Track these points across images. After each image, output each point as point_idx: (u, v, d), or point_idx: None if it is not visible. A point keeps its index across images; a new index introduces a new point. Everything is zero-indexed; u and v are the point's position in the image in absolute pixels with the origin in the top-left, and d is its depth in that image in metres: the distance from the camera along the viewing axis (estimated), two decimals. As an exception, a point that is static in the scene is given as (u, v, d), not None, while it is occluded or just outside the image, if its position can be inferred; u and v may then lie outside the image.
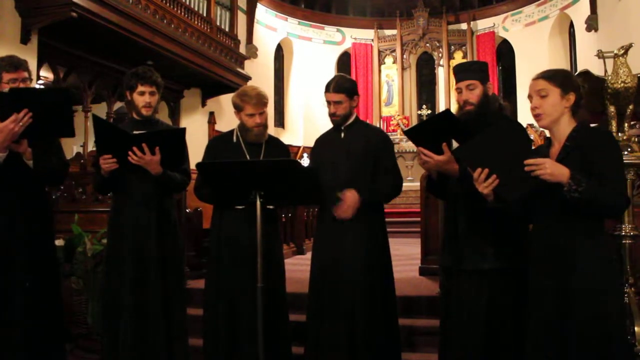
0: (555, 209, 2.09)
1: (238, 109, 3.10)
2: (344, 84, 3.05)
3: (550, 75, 2.19)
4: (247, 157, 3.09)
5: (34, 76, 2.97)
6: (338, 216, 2.91)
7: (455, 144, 2.53)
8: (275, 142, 3.28)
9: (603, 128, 3.35)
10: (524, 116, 10.73)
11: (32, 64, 5.87)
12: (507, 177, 2.09)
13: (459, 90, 2.64)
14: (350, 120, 3.10)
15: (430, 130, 2.52)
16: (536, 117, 2.19)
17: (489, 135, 2.17)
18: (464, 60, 13.12)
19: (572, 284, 2.04)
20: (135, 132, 2.89)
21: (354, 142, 3.04)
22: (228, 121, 9.80)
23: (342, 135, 3.09)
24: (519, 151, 2.09)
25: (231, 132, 3.22)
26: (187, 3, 8.53)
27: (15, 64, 2.84)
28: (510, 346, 2.42)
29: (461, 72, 2.66)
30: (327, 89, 3.05)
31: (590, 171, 2.03)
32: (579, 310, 2.02)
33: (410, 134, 2.61)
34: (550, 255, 2.11)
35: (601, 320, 2.00)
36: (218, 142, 3.31)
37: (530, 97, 2.22)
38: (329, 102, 3.05)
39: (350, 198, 2.87)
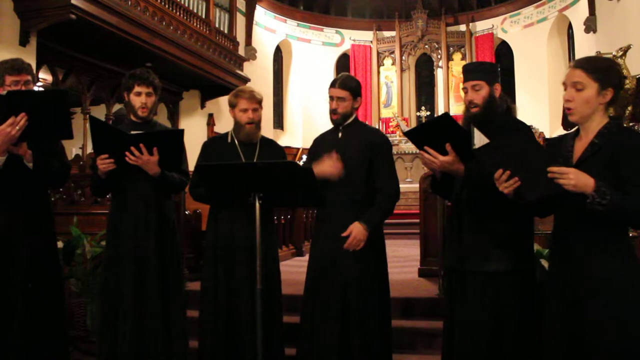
0: (574, 211, 2.00)
1: (232, 105, 3.13)
2: (351, 83, 3.05)
3: (591, 68, 2.01)
4: (242, 157, 3.11)
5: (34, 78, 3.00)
6: (350, 248, 2.88)
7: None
8: (270, 143, 3.30)
9: (636, 130, 3.27)
10: (523, 118, 10.66)
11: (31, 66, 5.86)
12: (528, 179, 2.03)
13: (465, 90, 2.64)
14: (349, 121, 3.10)
15: (430, 133, 2.51)
16: (567, 109, 2.06)
17: (509, 137, 2.13)
18: (463, 62, 13.15)
19: (587, 292, 1.94)
20: (133, 132, 2.89)
21: (350, 142, 3.03)
22: (227, 123, 9.79)
23: (340, 134, 3.09)
24: (540, 153, 2.02)
25: (226, 133, 3.25)
26: (186, 5, 8.54)
27: (18, 67, 2.85)
28: (515, 348, 2.42)
29: (468, 73, 2.65)
30: (333, 84, 3.04)
31: (615, 172, 1.92)
32: (599, 320, 1.91)
33: (411, 135, 2.60)
34: (566, 258, 2.04)
35: (619, 334, 1.89)
36: (213, 142, 3.34)
37: (564, 84, 2.06)
38: (331, 98, 3.03)
39: (355, 232, 2.85)
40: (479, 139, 2.44)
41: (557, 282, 2.07)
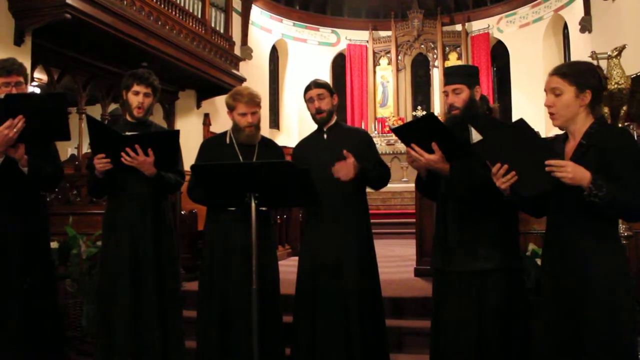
0: (568, 209, 2.04)
1: (230, 108, 3.12)
2: (324, 82, 3.20)
3: (565, 72, 2.07)
4: (240, 158, 3.10)
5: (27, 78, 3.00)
6: (339, 175, 2.88)
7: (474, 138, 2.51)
8: (268, 143, 3.29)
9: (621, 127, 3.30)
10: (519, 117, 10.67)
11: (26, 65, 5.83)
12: (525, 173, 2.04)
13: (446, 94, 2.68)
14: (332, 122, 3.15)
15: (417, 131, 2.53)
16: (550, 115, 2.11)
17: (507, 132, 2.15)
18: (459, 62, 13.17)
19: (582, 289, 1.97)
20: (128, 133, 2.89)
21: (337, 143, 3.06)
22: (223, 123, 9.78)
23: (325, 136, 3.13)
24: (538, 149, 2.02)
25: (224, 133, 3.23)
26: (182, 4, 8.52)
27: (7, 69, 2.83)
28: (501, 347, 2.43)
29: (449, 76, 2.70)
30: (308, 88, 3.15)
31: (607, 172, 1.95)
32: (589, 318, 1.95)
33: (397, 133, 2.62)
34: (560, 256, 2.06)
35: (611, 331, 1.93)
36: (211, 143, 3.32)
37: (545, 91, 2.13)
38: (312, 100, 3.13)
39: (350, 158, 2.87)
40: (476, 136, 2.44)
41: (551, 282, 2.09)
